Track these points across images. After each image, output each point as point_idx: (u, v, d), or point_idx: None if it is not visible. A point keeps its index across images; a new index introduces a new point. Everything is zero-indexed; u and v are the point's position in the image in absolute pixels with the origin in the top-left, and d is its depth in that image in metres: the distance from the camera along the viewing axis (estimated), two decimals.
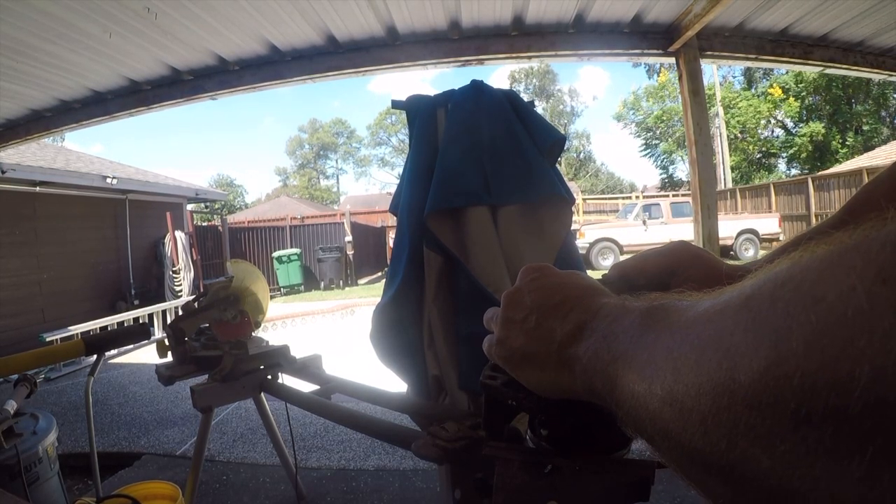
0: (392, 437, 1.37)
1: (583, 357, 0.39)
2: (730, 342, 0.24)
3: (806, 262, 0.24)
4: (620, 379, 0.33)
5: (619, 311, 0.39)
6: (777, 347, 0.22)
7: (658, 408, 0.28)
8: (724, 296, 0.28)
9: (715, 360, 0.25)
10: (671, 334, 0.30)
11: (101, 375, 5.95)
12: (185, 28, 3.50)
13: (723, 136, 27.63)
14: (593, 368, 0.38)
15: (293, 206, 30.52)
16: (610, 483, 0.49)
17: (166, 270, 11.20)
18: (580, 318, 0.42)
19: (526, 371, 0.47)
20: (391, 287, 1.71)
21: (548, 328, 0.44)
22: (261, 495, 3.13)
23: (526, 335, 0.46)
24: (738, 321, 0.25)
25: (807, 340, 0.21)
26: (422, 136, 1.74)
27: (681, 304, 0.33)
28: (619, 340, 0.35)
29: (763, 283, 0.25)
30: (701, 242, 3.81)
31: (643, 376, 0.31)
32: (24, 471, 1.88)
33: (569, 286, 0.46)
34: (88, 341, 2.16)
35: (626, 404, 0.32)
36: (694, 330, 0.28)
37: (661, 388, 0.28)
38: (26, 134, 4.98)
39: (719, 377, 0.24)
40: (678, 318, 0.31)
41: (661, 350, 0.30)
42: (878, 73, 4.50)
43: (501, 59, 4.08)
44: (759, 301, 0.24)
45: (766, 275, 0.26)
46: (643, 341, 0.33)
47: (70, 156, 11.80)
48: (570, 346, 0.42)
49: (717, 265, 0.66)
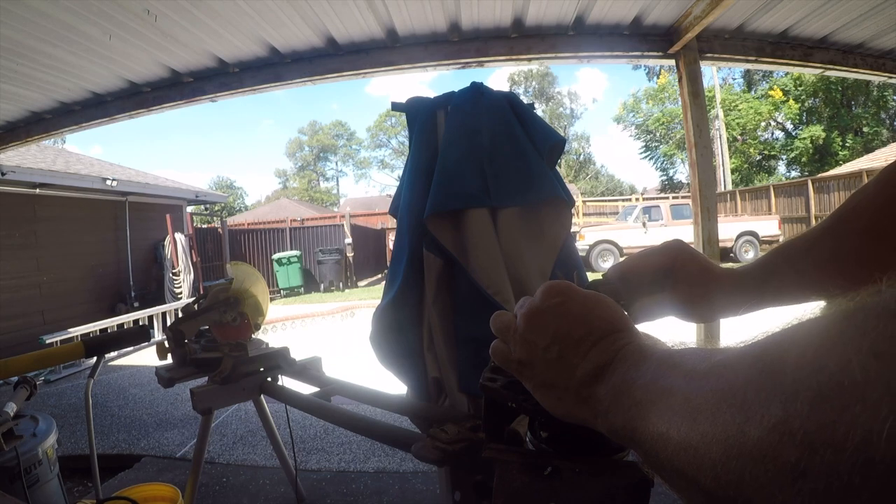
0: (392, 439, 1.37)
1: (603, 399, 0.42)
2: (743, 398, 0.27)
3: (812, 329, 0.27)
4: (641, 422, 0.36)
5: (639, 357, 0.41)
6: (786, 407, 0.24)
7: (674, 451, 0.31)
8: (736, 351, 0.31)
9: (729, 414, 0.27)
10: (688, 384, 0.33)
11: (100, 378, 5.95)
12: (185, 30, 3.50)
13: (723, 138, 27.64)
14: (615, 411, 0.40)
15: (293, 209, 30.52)
16: (610, 485, 0.49)
17: (166, 272, 11.20)
18: (601, 359, 0.44)
19: (544, 396, 0.48)
20: (391, 289, 1.71)
21: (569, 363, 0.46)
22: (261, 497, 3.13)
23: (546, 364, 0.47)
24: (751, 379, 0.27)
25: (811, 403, 0.23)
26: (421, 138, 1.74)
27: (697, 354, 0.35)
28: (639, 386, 0.38)
29: (774, 346, 0.28)
30: (701, 244, 3.81)
31: (662, 422, 0.33)
32: (24, 473, 1.88)
33: (592, 319, 0.47)
34: (88, 343, 2.16)
35: (646, 446, 0.35)
36: (709, 383, 0.31)
37: (678, 433, 0.31)
38: (26, 136, 4.98)
39: (731, 429, 0.27)
40: (694, 369, 0.33)
41: (679, 398, 0.33)
42: (878, 75, 4.50)
43: (501, 61, 4.09)
44: (771, 362, 0.27)
45: (777, 337, 0.29)
46: (661, 388, 0.35)
47: (70, 158, 11.79)
48: (590, 386, 0.43)
49: (711, 266, 0.67)
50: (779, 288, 0.63)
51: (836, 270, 0.59)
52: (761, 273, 0.65)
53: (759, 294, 0.64)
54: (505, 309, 1.43)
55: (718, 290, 0.65)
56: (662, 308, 0.67)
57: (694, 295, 0.66)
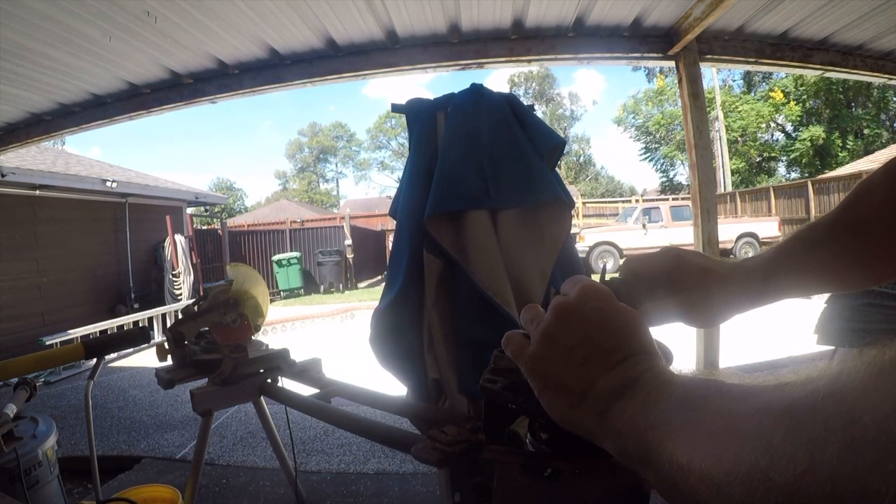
0: (392, 440, 1.37)
1: (619, 416, 0.41)
2: (769, 443, 0.27)
3: (846, 380, 0.26)
4: (658, 447, 0.35)
5: (663, 381, 0.40)
6: (813, 456, 0.24)
7: (695, 484, 0.31)
8: (766, 393, 0.31)
9: (753, 456, 0.27)
10: (713, 419, 0.33)
11: (100, 379, 5.94)
12: (185, 32, 3.50)
13: (722, 139, 27.64)
14: (629, 431, 0.39)
15: (293, 210, 30.50)
16: (610, 486, 0.49)
17: (166, 274, 11.18)
18: (625, 377, 0.43)
19: (552, 398, 0.46)
20: (391, 291, 1.71)
21: (592, 373, 0.44)
22: (261, 499, 3.13)
23: (567, 366, 0.46)
24: (780, 424, 0.27)
25: (840, 455, 0.23)
26: (421, 139, 1.74)
27: (723, 389, 0.35)
28: (660, 411, 0.37)
29: (806, 394, 0.28)
30: (701, 246, 3.82)
31: (683, 452, 0.33)
32: (24, 474, 1.87)
33: (624, 333, 0.46)
34: (88, 345, 2.16)
35: (662, 472, 0.35)
36: (736, 423, 0.31)
37: (700, 467, 0.31)
38: (26, 137, 4.99)
39: (756, 473, 0.27)
40: (720, 406, 0.33)
41: (702, 433, 0.33)
42: (878, 76, 4.50)
43: (501, 63, 4.09)
44: (802, 410, 0.27)
45: (810, 386, 0.28)
46: (684, 418, 0.35)
47: (70, 159, 11.79)
48: (608, 401, 0.42)
49: (711, 264, 0.66)
50: (792, 280, 0.63)
51: (847, 264, 0.60)
52: (770, 265, 0.64)
53: (763, 287, 0.63)
54: (505, 310, 1.44)
55: (719, 290, 0.64)
56: (665, 314, 0.66)
57: (694, 299, 0.65)
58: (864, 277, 0.62)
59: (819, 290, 0.65)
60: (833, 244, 0.61)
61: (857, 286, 0.65)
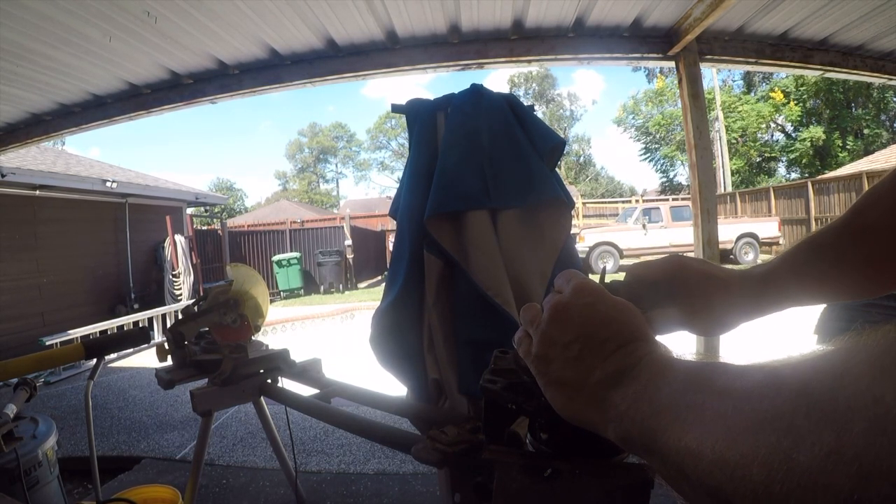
0: (392, 440, 1.37)
1: (620, 404, 0.40)
2: (790, 422, 0.27)
3: (863, 358, 0.26)
4: (663, 433, 0.35)
5: (663, 367, 0.40)
6: (840, 437, 0.24)
7: (707, 468, 0.30)
8: (775, 371, 0.31)
9: (774, 437, 0.27)
10: (721, 401, 0.32)
11: (100, 379, 5.94)
12: (185, 32, 3.50)
13: (723, 139, 27.64)
14: (631, 418, 0.39)
15: (293, 210, 30.50)
16: (610, 486, 0.49)
17: (166, 274, 11.19)
18: (623, 363, 0.43)
19: (555, 394, 0.47)
20: (391, 291, 1.71)
21: (588, 364, 0.45)
22: (261, 499, 3.13)
23: (565, 362, 0.46)
24: (799, 405, 0.27)
25: (866, 434, 0.23)
26: (421, 139, 1.74)
27: (728, 370, 0.34)
28: (663, 394, 0.37)
29: (821, 370, 0.28)
30: (701, 246, 3.81)
31: (693, 436, 0.32)
32: (24, 474, 1.88)
33: (618, 323, 0.46)
34: (88, 345, 2.16)
35: (669, 458, 0.34)
36: (749, 403, 0.30)
37: (712, 450, 0.30)
38: (26, 138, 4.99)
39: (778, 454, 0.26)
40: (728, 386, 0.33)
41: (711, 414, 0.32)
42: (878, 76, 4.50)
43: (501, 63, 4.09)
44: (820, 389, 0.27)
45: (820, 364, 0.28)
46: (690, 402, 0.34)
47: (70, 159, 11.80)
48: (606, 389, 0.42)
49: (714, 271, 0.66)
50: (792, 286, 0.63)
51: (859, 269, 0.59)
52: (771, 270, 0.64)
53: (762, 291, 0.63)
54: (505, 310, 1.44)
55: (721, 296, 0.64)
56: (669, 321, 0.66)
57: (696, 305, 0.65)
58: (866, 285, 0.62)
59: (821, 299, 0.65)
60: (840, 248, 0.61)
61: (859, 294, 0.64)
